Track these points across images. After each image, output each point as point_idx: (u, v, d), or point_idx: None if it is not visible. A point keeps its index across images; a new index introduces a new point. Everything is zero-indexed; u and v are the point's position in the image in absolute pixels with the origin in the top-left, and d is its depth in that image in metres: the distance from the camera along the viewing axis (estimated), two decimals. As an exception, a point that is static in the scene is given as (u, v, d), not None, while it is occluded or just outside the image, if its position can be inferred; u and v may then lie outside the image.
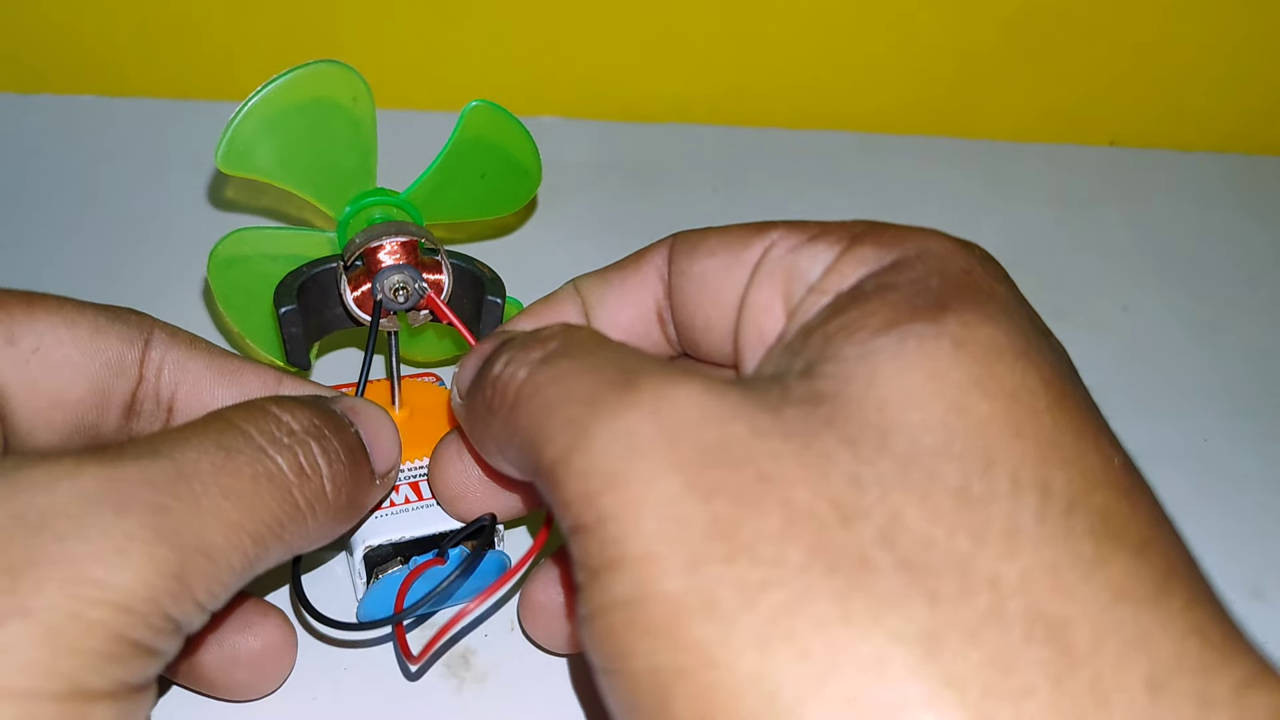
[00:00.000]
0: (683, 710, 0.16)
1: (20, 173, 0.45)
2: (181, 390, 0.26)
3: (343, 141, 0.31)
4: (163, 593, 0.18)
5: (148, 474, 0.19)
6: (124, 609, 0.18)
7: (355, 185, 0.31)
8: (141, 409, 0.25)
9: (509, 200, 0.35)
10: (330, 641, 0.29)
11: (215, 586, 0.19)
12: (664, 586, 0.16)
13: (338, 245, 0.32)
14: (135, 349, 0.25)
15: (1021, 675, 0.15)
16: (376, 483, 0.25)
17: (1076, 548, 0.16)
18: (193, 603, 0.19)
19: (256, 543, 0.20)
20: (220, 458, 0.20)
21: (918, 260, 0.20)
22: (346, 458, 0.23)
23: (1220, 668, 0.15)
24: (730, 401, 0.18)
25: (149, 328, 0.25)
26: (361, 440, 0.24)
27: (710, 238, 0.24)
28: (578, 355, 0.20)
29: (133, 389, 0.25)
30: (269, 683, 0.27)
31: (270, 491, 0.21)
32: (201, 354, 0.26)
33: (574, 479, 0.18)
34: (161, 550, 0.18)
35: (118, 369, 0.25)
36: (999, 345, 0.18)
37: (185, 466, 0.20)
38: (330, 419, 0.23)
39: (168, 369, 0.25)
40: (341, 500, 0.23)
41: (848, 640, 0.15)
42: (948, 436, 0.17)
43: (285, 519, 0.21)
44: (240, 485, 0.20)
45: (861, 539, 0.16)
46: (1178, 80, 0.52)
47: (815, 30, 0.50)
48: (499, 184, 0.34)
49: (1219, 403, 0.40)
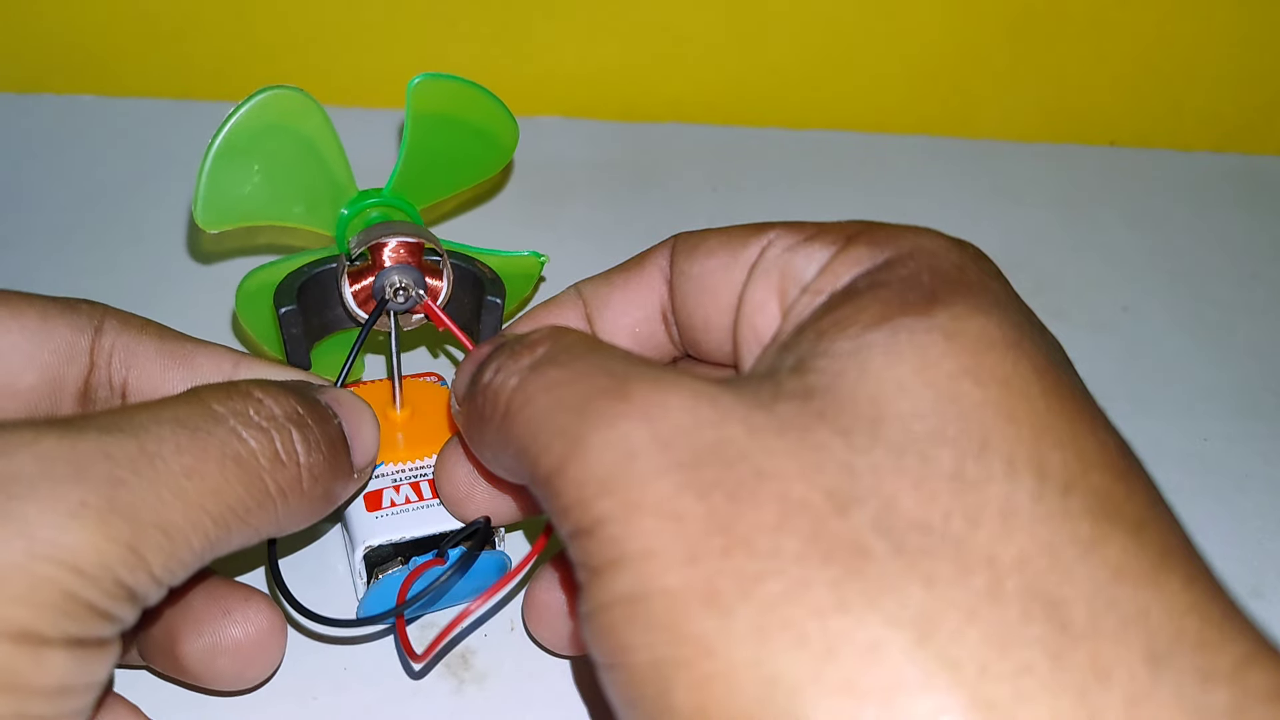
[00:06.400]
0: (682, 700, 0.16)
1: (20, 173, 0.45)
2: (133, 375, 0.25)
3: (307, 159, 0.30)
4: (115, 559, 0.18)
5: (106, 447, 0.19)
6: (74, 569, 0.18)
7: (338, 196, 0.31)
8: (96, 396, 0.25)
9: (486, 164, 0.35)
10: (328, 640, 0.29)
11: (172, 563, 0.19)
12: (664, 581, 0.16)
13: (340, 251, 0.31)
14: (85, 336, 0.25)
15: (1020, 653, 0.15)
16: (354, 476, 0.25)
17: (1074, 527, 0.16)
18: (147, 574, 0.19)
19: (218, 524, 0.20)
20: (185, 436, 0.20)
21: (910, 258, 0.20)
22: (327, 448, 0.23)
23: (1220, 644, 0.16)
24: (722, 403, 0.18)
25: (100, 315, 0.25)
26: (344, 432, 0.24)
27: (710, 238, 0.24)
28: (567, 361, 0.20)
29: (85, 376, 0.25)
30: (255, 671, 0.26)
31: (237, 475, 0.21)
32: (152, 339, 0.26)
33: (570, 488, 0.18)
34: (115, 519, 0.18)
35: (68, 356, 0.25)
36: (990, 336, 0.18)
37: (148, 443, 0.20)
38: (314, 408, 0.23)
39: (118, 355, 0.25)
40: (317, 491, 0.23)
41: (844, 626, 0.15)
42: (940, 423, 0.17)
43: (252, 504, 0.21)
44: (205, 466, 0.20)
45: (856, 526, 0.16)
46: (1178, 80, 0.52)
47: (815, 30, 0.50)
48: (470, 149, 0.34)
49: (1219, 403, 0.40)
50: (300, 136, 0.30)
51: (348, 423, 0.24)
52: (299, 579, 0.30)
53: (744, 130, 0.52)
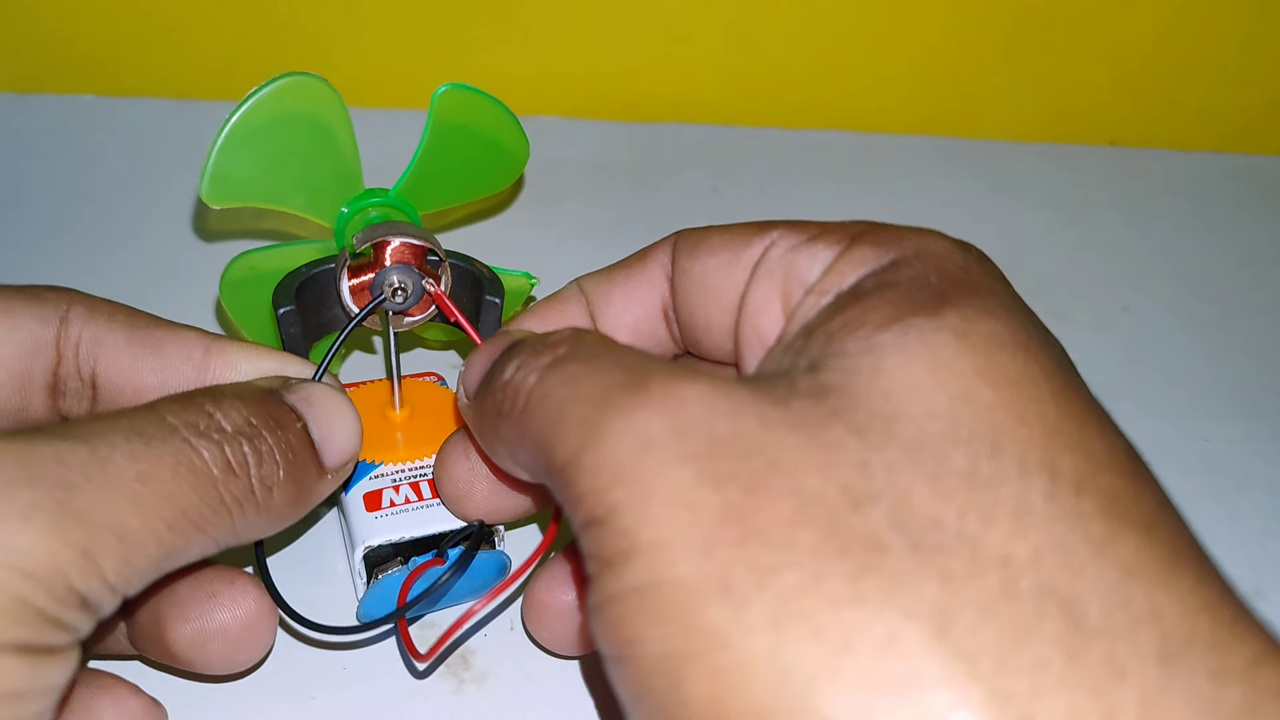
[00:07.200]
0: (695, 692, 0.16)
1: (20, 173, 0.45)
2: (101, 365, 0.25)
3: (320, 150, 0.30)
4: (68, 564, 0.18)
5: (59, 452, 0.19)
6: (24, 573, 0.17)
7: (343, 191, 0.31)
8: (66, 388, 0.25)
9: (496, 179, 0.35)
10: (327, 644, 0.29)
11: (127, 569, 0.19)
12: (677, 572, 0.16)
13: (337, 250, 0.31)
14: (50, 328, 0.24)
15: (1035, 649, 0.15)
16: (328, 476, 0.24)
17: (1087, 527, 0.16)
18: (101, 580, 0.19)
19: (174, 531, 0.20)
20: (139, 444, 0.20)
21: (915, 259, 0.20)
22: (283, 457, 0.22)
23: (1231, 644, 0.16)
24: (738, 397, 0.18)
25: (66, 303, 0.24)
26: (309, 436, 0.23)
27: (712, 236, 0.24)
28: (586, 358, 0.20)
29: (53, 368, 0.24)
30: (247, 654, 0.26)
31: (191, 482, 0.20)
32: (121, 326, 0.25)
33: (585, 476, 0.18)
34: (68, 523, 0.18)
35: (33, 350, 0.24)
36: (1000, 337, 0.19)
37: (100, 449, 0.19)
38: (271, 414, 0.23)
39: (85, 345, 0.24)
40: (273, 500, 0.22)
41: (860, 619, 0.15)
42: (954, 422, 0.17)
43: (208, 512, 0.20)
44: (158, 472, 0.20)
45: (872, 522, 0.16)
46: (1178, 80, 0.52)
47: (815, 30, 0.50)
48: (483, 163, 0.34)
49: (1219, 403, 0.40)
50: (318, 126, 0.30)
51: (317, 423, 0.24)
52: (299, 579, 0.30)
53: (744, 130, 0.52)
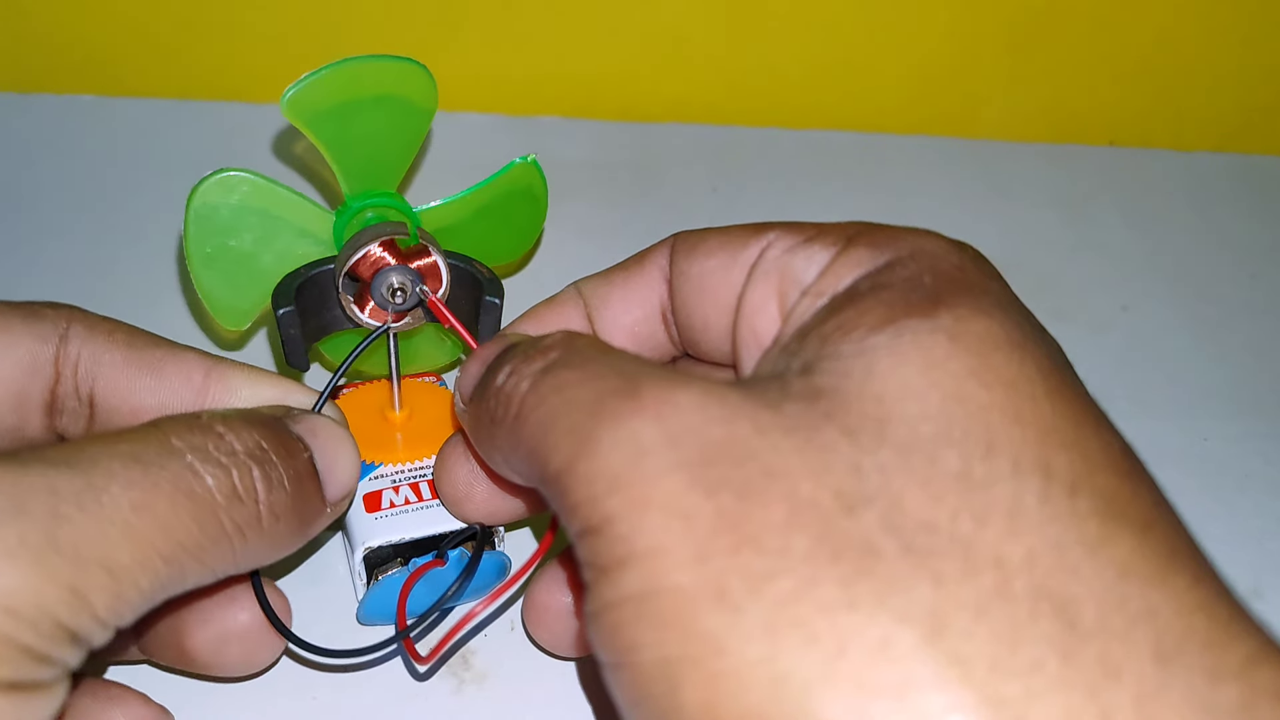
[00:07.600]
0: (691, 698, 0.16)
1: (20, 173, 0.45)
2: (99, 385, 0.24)
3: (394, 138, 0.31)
4: (55, 602, 0.18)
5: (52, 482, 0.18)
6: (8, 610, 0.17)
7: (381, 182, 0.31)
8: (64, 406, 0.24)
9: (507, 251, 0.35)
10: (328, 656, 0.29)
11: (118, 604, 0.19)
12: (673, 579, 0.16)
13: (331, 234, 0.31)
14: (49, 346, 0.24)
15: (1029, 650, 0.15)
16: (327, 510, 0.24)
17: (1081, 527, 0.16)
18: (91, 616, 0.18)
19: (169, 563, 0.19)
20: (137, 472, 0.19)
21: (911, 260, 0.20)
22: (291, 485, 0.22)
23: (1227, 643, 0.16)
24: (731, 402, 0.18)
25: (65, 321, 0.24)
26: (314, 466, 0.23)
27: (709, 238, 0.24)
28: (579, 364, 0.20)
29: (51, 387, 0.24)
30: (264, 655, 0.26)
31: (190, 511, 0.20)
32: (120, 346, 0.24)
33: (580, 485, 0.18)
34: (55, 559, 0.18)
35: (30, 368, 0.23)
36: (994, 337, 0.19)
37: (95, 478, 0.19)
38: (280, 442, 0.22)
39: (84, 364, 0.24)
40: (279, 528, 0.22)
41: (854, 624, 0.15)
42: (947, 424, 0.17)
43: (207, 542, 0.20)
44: (156, 501, 0.19)
45: (864, 525, 0.16)
46: (1178, 80, 0.52)
47: (815, 30, 0.50)
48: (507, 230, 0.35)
49: (1219, 403, 0.40)
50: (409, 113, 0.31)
51: (322, 455, 0.23)
52: (298, 579, 0.30)
53: (744, 130, 0.52)
